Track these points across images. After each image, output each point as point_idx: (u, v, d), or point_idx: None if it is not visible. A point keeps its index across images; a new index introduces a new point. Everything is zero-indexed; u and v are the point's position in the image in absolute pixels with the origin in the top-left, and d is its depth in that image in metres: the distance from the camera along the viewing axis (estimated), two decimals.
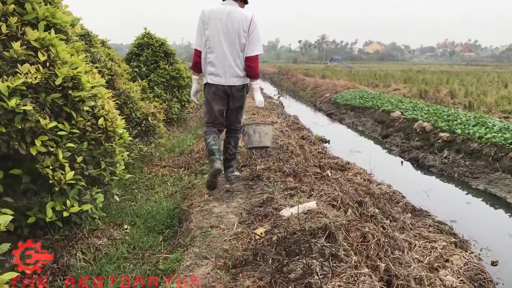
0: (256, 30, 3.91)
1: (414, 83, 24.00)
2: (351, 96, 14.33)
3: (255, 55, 3.93)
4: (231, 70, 3.90)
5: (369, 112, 11.78)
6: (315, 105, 16.09)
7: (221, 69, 3.89)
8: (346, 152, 8.22)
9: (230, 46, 3.87)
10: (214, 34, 3.86)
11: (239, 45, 3.88)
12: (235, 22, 3.83)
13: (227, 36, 3.85)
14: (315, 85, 19.55)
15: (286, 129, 7.62)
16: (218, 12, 3.85)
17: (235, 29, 3.83)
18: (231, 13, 3.83)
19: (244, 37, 3.87)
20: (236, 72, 3.91)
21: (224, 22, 3.83)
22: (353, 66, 63.31)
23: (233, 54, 3.88)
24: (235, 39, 3.85)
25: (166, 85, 8.90)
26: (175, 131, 8.74)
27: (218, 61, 3.88)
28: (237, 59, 3.90)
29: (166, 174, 5.72)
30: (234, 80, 3.93)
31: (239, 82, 3.96)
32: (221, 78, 3.91)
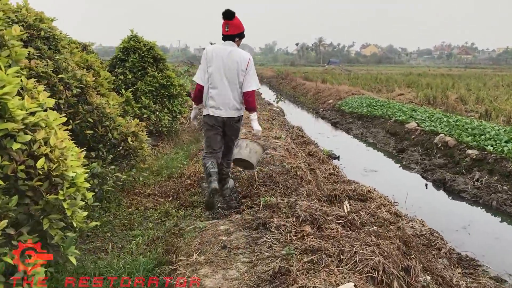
0: (252, 69, 4.37)
1: (418, 88, 23.10)
2: (357, 104, 13.34)
3: (252, 90, 4.37)
4: (230, 104, 4.33)
5: (379, 122, 10.79)
6: (317, 112, 15.09)
7: (221, 103, 4.32)
8: (360, 171, 7.23)
9: (230, 83, 4.30)
10: (217, 71, 4.28)
11: (238, 82, 4.31)
12: (235, 62, 4.26)
13: (228, 74, 4.28)
14: (317, 90, 18.55)
15: (292, 146, 6.61)
16: (220, 51, 4.29)
17: (235, 68, 4.26)
18: (231, 53, 4.28)
19: (242, 76, 4.31)
20: (234, 106, 4.35)
21: (226, 61, 4.26)
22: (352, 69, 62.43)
23: (232, 90, 4.31)
24: (235, 77, 4.29)
25: (155, 94, 7.88)
26: (165, 146, 7.71)
27: (219, 96, 4.31)
28: (235, 94, 4.33)
29: (149, 208, 4.70)
30: (233, 113, 4.38)
31: (236, 114, 4.41)
32: (221, 111, 4.34)
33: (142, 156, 5.10)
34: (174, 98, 8.21)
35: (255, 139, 5.68)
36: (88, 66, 6.20)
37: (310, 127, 11.04)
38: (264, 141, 6.52)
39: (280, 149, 6.07)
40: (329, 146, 8.83)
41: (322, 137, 10.38)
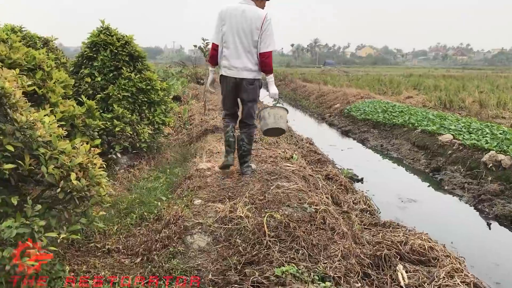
0: (269, 27, 4.16)
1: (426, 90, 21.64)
2: (370, 109, 11.73)
3: (269, 51, 4.20)
4: (242, 64, 4.19)
5: (402, 132, 9.17)
6: (323, 118, 13.45)
7: (233, 62, 4.21)
8: (394, 202, 5.65)
9: (243, 42, 4.16)
10: (229, 31, 4.19)
11: (252, 41, 4.16)
12: (249, 20, 4.12)
13: (241, 33, 4.16)
14: (320, 93, 16.93)
15: (309, 172, 5.00)
16: (234, 10, 4.17)
17: (248, 26, 4.12)
18: (245, 11, 4.14)
19: (257, 34, 4.14)
20: (247, 67, 4.20)
21: (239, 19, 4.15)
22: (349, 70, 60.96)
23: (245, 49, 4.16)
24: (248, 36, 4.15)
25: (131, 101, 6.25)
26: (143, 167, 6.07)
27: (231, 56, 4.20)
28: (248, 54, 4.18)
29: (106, 280, 3.07)
30: (245, 74, 4.22)
31: (250, 76, 4.24)
32: (233, 71, 4.23)
33: (97, 198, 3.44)
34: (155, 106, 6.56)
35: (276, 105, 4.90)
36: (36, 65, 4.63)
37: (319, 137, 9.45)
38: (272, 164, 4.91)
39: (295, 178, 4.45)
40: (347, 163, 7.23)
41: (335, 150, 8.78)
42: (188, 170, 5.00)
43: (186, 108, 9.21)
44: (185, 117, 9.20)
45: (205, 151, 5.78)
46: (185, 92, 12.76)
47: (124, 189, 5.22)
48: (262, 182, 4.22)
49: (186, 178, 4.73)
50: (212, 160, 5.12)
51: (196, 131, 7.60)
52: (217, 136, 6.77)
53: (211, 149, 5.78)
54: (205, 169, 4.73)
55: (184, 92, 12.72)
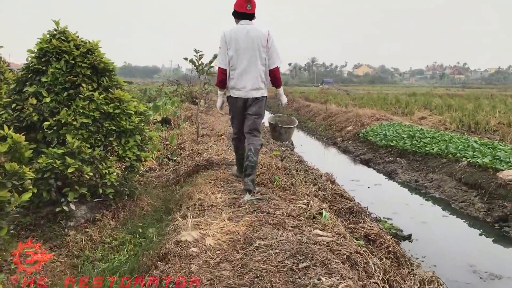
0: (273, 44, 4.31)
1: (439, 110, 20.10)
2: (391, 133, 10.03)
3: (277, 67, 4.40)
4: (251, 85, 4.29)
5: (440, 164, 7.44)
6: (335, 143, 11.71)
7: (241, 84, 4.31)
8: (469, 279, 3.89)
9: (250, 62, 4.25)
10: (236, 53, 4.23)
11: (260, 59, 4.28)
12: (254, 39, 4.21)
13: (248, 53, 4.22)
14: (327, 114, 15.23)
15: (356, 248, 3.24)
16: (237, 32, 4.23)
17: (255, 46, 4.22)
18: (249, 31, 4.21)
19: (264, 52, 4.26)
20: (255, 86, 4.30)
21: (244, 40, 4.20)
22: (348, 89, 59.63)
23: (252, 69, 4.27)
24: (256, 55, 4.24)
25: (93, 130, 4.54)
26: (108, 223, 4.34)
27: (239, 77, 4.30)
28: (257, 72, 4.29)
29: None
30: (253, 93, 4.33)
31: (258, 94, 4.35)
32: (240, 92, 4.34)
33: None
34: (127, 136, 4.84)
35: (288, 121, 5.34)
36: None
37: (335, 168, 7.74)
38: (294, 233, 3.15)
39: (336, 262, 2.70)
40: (381, 208, 5.50)
41: (359, 187, 7.06)
42: (164, 243, 3.24)
43: (173, 135, 7.46)
44: (173, 145, 7.48)
45: (193, 203, 4.04)
46: (176, 113, 11.06)
47: (70, 265, 3.46)
48: (284, 273, 2.49)
49: (159, 258, 2.97)
50: (203, 223, 3.37)
51: (185, 167, 5.85)
52: (210, 176, 5.03)
53: (202, 200, 4.04)
54: (189, 243, 2.98)
55: (176, 113, 11.02)
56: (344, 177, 7.37)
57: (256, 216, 3.50)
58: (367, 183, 7.39)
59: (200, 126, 8.10)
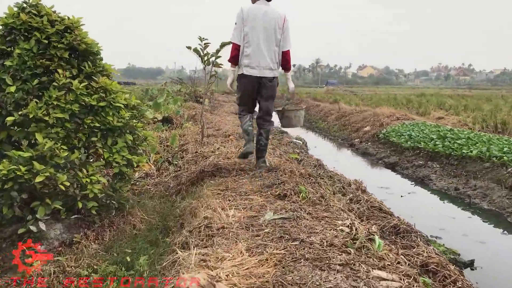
0: (288, 27, 4.32)
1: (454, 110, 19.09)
2: (417, 134, 9.01)
3: (288, 50, 4.39)
4: (265, 63, 4.25)
5: (482, 169, 6.41)
6: (352, 144, 10.70)
7: (255, 61, 4.23)
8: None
9: (266, 41, 4.23)
10: (252, 30, 4.20)
11: (275, 40, 4.27)
12: (272, 20, 4.22)
13: (264, 33, 4.21)
14: (341, 113, 14.20)
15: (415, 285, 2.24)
16: (255, 10, 4.22)
17: (272, 26, 4.21)
18: (267, 12, 4.22)
19: (280, 33, 4.27)
20: (269, 65, 4.27)
21: (261, 19, 4.20)
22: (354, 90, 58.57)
23: (268, 48, 4.24)
24: (272, 35, 4.24)
25: (71, 127, 3.58)
26: (88, 246, 3.38)
27: (254, 55, 4.22)
28: (271, 53, 4.27)
29: None
30: (267, 72, 4.29)
31: (271, 74, 4.33)
32: (255, 70, 4.26)
33: None
34: (116, 136, 3.87)
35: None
36: None
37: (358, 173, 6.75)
38: (346, 275, 2.16)
39: None
40: (422, 224, 4.50)
41: (390, 195, 6.06)
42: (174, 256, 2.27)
43: (175, 135, 6.47)
44: (175, 147, 6.52)
45: (197, 223, 3.06)
46: (179, 112, 10.10)
47: None
48: None
49: None
50: (211, 257, 2.39)
51: (188, 173, 4.88)
52: (219, 185, 4.05)
53: (210, 220, 3.05)
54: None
55: (178, 112, 10.05)
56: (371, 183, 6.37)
57: (286, 246, 2.52)
58: (398, 191, 6.38)
59: (205, 126, 7.14)
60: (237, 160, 4.93)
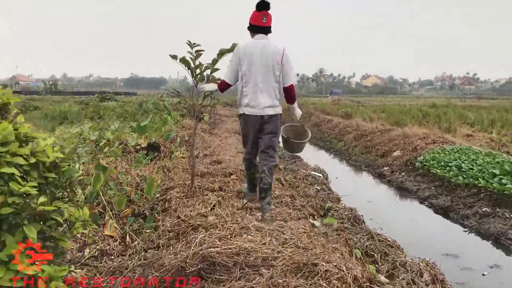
0: (288, 61, 4.16)
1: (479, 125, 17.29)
2: (469, 166, 6.86)
3: (291, 85, 4.23)
4: (265, 102, 4.12)
5: None
6: (382, 174, 8.66)
7: (255, 101, 4.13)
8: None
9: (264, 79, 4.11)
10: (250, 69, 4.09)
11: (274, 76, 4.13)
12: (269, 55, 4.07)
13: (262, 69, 4.08)
14: (360, 132, 12.19)
15: None
16: (253, 47, 4.09)
17: (270, 62, 4.07)
18: (265, 47, 4.08)
19: (278, 69, 4.11)
20: (269, 103, 4.14)
21: (259, 56, 4.06)
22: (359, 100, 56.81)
23: (267, 85, 4.11)
24: (270, 72, 4.10)
25: None
26: None
27: (253, 93, 4.12)
28: (271, 90, 4.14)
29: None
30: (267, 110, 4.15)
31: (272, 112, 4.18)
32: (255, 109, 4.15)
33: None
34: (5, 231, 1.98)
35: None
36: None
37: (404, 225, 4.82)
38: None
39: None
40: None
41: (464, 272, 4.13)
42: None
43: (152, 181, 4.52)
44: (153, 196, 4.62)
45: None
46: (170, 135, 8.21)
47: None
48: None
49: None
50: None
51: (159, 268, 2.94)
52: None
53: None
54: None
55: (169, 135, 8.15)
56: (429, 245, 4.47)
57: None
58: (471, 261, 4.42)
59: (198, 160, 5.24)
60: (247, 245, 3.02)
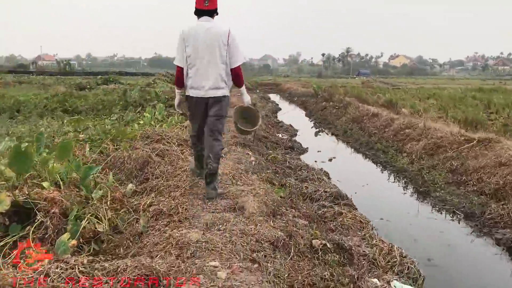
0: (234, 42, 4.11)
1: None
2: None
3: (238, 66, 4.17)
4: (210, 83, 4.09)
5: None
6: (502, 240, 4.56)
7: (199, 82, 4.11)
8: None
9: (210, 60, 4.06)
10: (194, 51, 4.06)
11: (220, 57, 4.08)
12: (214, 36, 4.04)
13: (207, 51, 4.04)
14: (433, 141, 7.69)
15: None
16: (197, 29, 4.07)
17: (215, 43, 4.04)
18: (210, 29, 4.06)
19: (224, 49, 4.07)
20: (215, 85, 4.09)
21: (203, 38, 4.03)
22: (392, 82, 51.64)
23: (213, 67, 4.07)
24: (216, 53, 4.06)
25: None
26: None
27: (197, 75, 4.11)
28: (217, 71, 4.08)
29: None
30: (213, 92, 4.11)
31: (219, 93, 4.13)
32: (199, 91, 4.13)
33: None
34: None
35: None
36: None
37: None
38: None
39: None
40: None
41: None
42: None
43: None
44: None
45: None
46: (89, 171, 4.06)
47: None
48: None
49: None
50: None
51: None
52: None
53: None
54: None
55: (89, 171, 4.02)
56: None
57: None
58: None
59: None
60: None
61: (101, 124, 7.97)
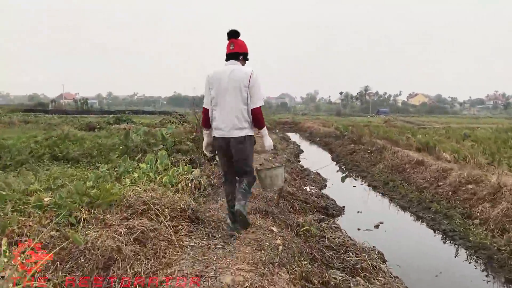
0: (256, 84, 4.17)
1: None
2: None
3: (258, 107, 4.20)
4: (232, 123, 4.14)
5: None
6: None
7: (222, 123, 4.18)
8: None
9: (231, 102, 4.13)
10: (218, 93, 4.18)
11: (241, 98, 4.13)
12: (236, 78, 4.13)
13: (229, 93, 4.13)
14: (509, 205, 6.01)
15: None
16: (221, 72, 4.20)
17: (237, 85, 4.12)
18: (233, 71, 4.16)
19: (245, 91, 4.13)
20: (236, 125, 4.14)
21: (226, 80, 4.14)
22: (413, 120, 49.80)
23: (234, 108, 4.13)
24: (238, 94, 4.12)
25: None
26: None
27: (220, 116, 4.19)
28: (238, 112, 4.13)
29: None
30: (235, 132, 4.16)
31: (240, 134, 4.17)
32: (223, 131, 4.19)
33: None
34: None
35: None
36: None
37: None
38: None
39: None
40: None
41: None
42: None
43: None
44: None
45: None
46: None
47: None
48: None
49: None
50: None
51: None
52: None
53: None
54: None
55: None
56: None
57: None
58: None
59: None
60: None
61: (80, 179, 6.18)
